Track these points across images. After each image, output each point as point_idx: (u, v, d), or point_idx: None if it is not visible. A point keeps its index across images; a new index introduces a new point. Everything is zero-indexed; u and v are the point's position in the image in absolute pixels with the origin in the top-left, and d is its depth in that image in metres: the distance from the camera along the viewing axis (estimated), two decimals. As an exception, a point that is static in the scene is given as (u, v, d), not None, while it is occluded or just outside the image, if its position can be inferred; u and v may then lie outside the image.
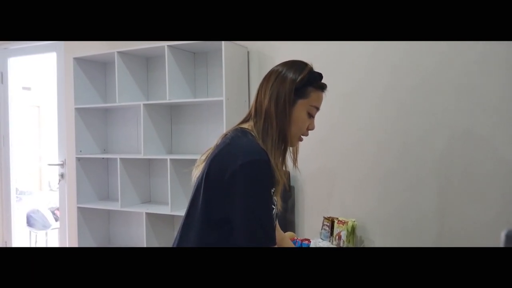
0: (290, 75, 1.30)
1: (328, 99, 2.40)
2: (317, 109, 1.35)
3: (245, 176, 1.17)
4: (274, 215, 1.26)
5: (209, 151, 1.32)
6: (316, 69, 2.47)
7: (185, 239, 1.31)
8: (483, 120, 1.82)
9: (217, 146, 1.29)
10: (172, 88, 2.79)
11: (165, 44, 2.78)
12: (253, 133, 1.27)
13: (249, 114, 1.34)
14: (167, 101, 2.77)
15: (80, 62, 3.23)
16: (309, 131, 1.35)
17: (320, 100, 1.36)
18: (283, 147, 1.28)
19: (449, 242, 1.91)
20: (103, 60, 3.35)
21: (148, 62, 3.24)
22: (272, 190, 1.23)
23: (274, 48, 2.72)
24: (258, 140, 1.25)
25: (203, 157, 1.32)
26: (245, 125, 1.32)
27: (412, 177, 2.03)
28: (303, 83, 1.30)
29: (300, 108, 1.30)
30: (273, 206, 1.25)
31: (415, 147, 2.03)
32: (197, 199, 1.27)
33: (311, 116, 1.33)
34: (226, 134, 1.32)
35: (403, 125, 2.07)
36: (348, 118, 2.31)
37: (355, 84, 2.28)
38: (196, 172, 1.32)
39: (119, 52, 2.99)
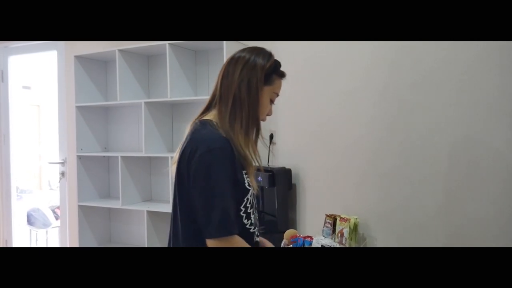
0: (259, 62, 1.33)
1: (329, 96, 2.42)
2: (277, 95, 1.40)
3: (203, 165, 1.20)
4: (250, 197, 1.29)
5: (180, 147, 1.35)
6: (318, 67, 2.48)
7: (175, 236, 1.34)
8: (484, 117, 1.82)
9: (182, 143, 1.33)
10: (173, 86, 2.78)
11: (166, 42, 2.77)
12: (212, 123, 1.30)
13: (210, 102, 1.37)
14: (168, 99, 2.77)
15: (81, 60, 3.23)
16: (268, 117, 1.41)
17: (280, 87, 1.40)
18: (255, 131, 1.32)
19: (452, 239, 1.92)
20: (104, 58, 3.34)
21: (149, 60, 3.24)
22: (244, 172, 1.26)
23: (274, 47, 2.71)
24: (219, 128, 1.27)
25: (177, 155, 1.34)
26: (206, 116, 1.34)
27: (414, 175, 2.03)
28: (270, 70, 1.34)
29: (265, 95, 1.33)
30: (248, 187, 1.27)
31: (416, 144, 2.03)
32: (175, 196, 1.31)
33: (271, 102, 1.38)
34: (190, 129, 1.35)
35: (405, 122, 2.07)
36: (349, 116, 2.31)
37: (355, 82, 2.28)
38: (173, 168, 1.35)
39: (120, 50, 2.99)
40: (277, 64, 1.37)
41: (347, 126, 2.32)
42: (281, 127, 2.70)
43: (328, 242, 2.11)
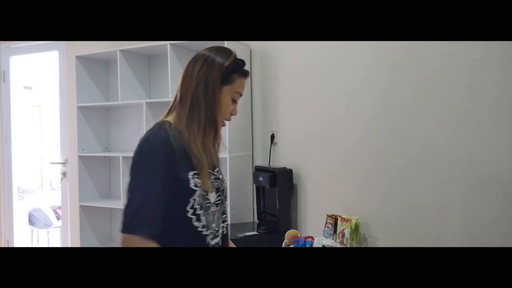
0: (217, 61, 1.30)
1: (330, 97, 2.42)
2: (240, 94, 1.35)
3: (132, 164, 1.22)
4: (198, 198, 1.25)
5: None
6: (319, 67, 2.48)
7: None
8: (487, 118, 1.82)
9: None
10: (175, 86, 2.77)
11: (167, 42, 2.78)
12: (165, 125, 1.27)
13: (174, 102, 1.35)
14: (169, 99, 2.75)
15: (82, 60, 3.23)
16: (233, 116, 1.38)
17: (243, 86, 1.35)
18: (213, 132, 1.30)
19: (452, 239, 1.91)
20: (105, 59, 3.35)
21: (150, 60, 3.24)
22: (192, 173, 1.23)
23: (276, 47, 2.72)
24: (173, 130, 1.25)
25: None
26: (168, 118, 1.32)
27: (415, 175, 2.03)
28: (229, 69, 1.30)
29: (225, 94, 1.31)
30: (194, 188, 1.23)
31: (418, 145, 2.03)
32: None
33: (234, 101, 1.34)
34: None
35: (406, 122, 2.07)
36: (350, 116, 2.31)
37: (356, 82, 2.28)
38: None
39: (121, 51, 2.99)
40: (238, 62, 1.33)
41: (348, 127, 2.32)
42: (282, 127, 2.70)
43: (329, 242, 2.11)
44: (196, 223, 1.25)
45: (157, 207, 1.19)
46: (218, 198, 1.33)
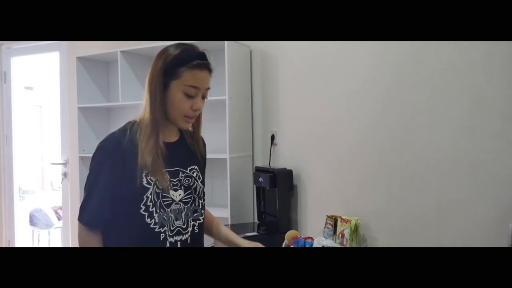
0: (163, 56, 1.30)
1: (330, 97, 2.43)
2: (196, 87, 1.29)
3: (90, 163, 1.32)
4: (151, 195, 1.28)
5: None
6: (319, 67, 2.48)
7: None
8: (486, 119, 1.82)
9: None
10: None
11: (168, 43, 2.78)
12: (131, 124, 1.33)
13: None
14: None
15: (83, 61, 3.25)
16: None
17: (196, 78, 1.28)
18: (155, 130, 1.28)
19: (452, 241, 1.91)
20: (106, 60, 3.36)
21: (151, 61, 3.23)
22: (145, 172, 1.26)
23: (276, 47, 2.73)
24: (129, 130, 1.30)
25: None
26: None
27: (415, 176, 2.03)
28: (173, 64, 1.27)
29: (174, 89, 1.28)
30: (146, 185, 1.27)
31: (418, 146, 2.03)
32: None
33: (189, 96, 1.29)
34: None
35: (406, 123, 2.08)
36: (350, 117, 2.32)
37: (357, 83, 2.29)
38: None
39: (122, 52, 3.00)
40: (186, 55, 1.28)
41: (348, 127, 2.33)
42: (282, 128, 2.70)
43: (329, 243, 2.11)
44: (148, 220, 1.28)
45: (97, 200, 1.28)
46: (188, 196, 1.35)
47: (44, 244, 4.59)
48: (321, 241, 2.15)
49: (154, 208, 1.28)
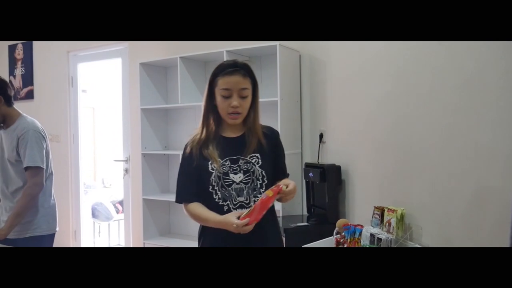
0: (210, 76, 1.70)
1: (375, 97, 2.58)
2: (227, 89, 1.64)
3: None
4: (214, 177, 1.66)
5: None
6: (364, 70, 2.63)
7: None
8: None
9: None
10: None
11: (223, 49, 3.03)
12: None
13: None
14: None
15: (145, 66, 3.55)
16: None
17: (226, 82, 1.64)
18: (205, 129, 1.72)
19: (490, 225, 2.03)
20: (165, 65, 3.65)
21: (206, 66, 3.51)
22: (209, 162, 1.66)
23: (323, 52, 2.90)
24: (198, 134, 1.75)
25: None
26: None
27: (456, 169, 2.15)
28: (213, 76, 1.68)
29: (217, 95, 1.67)
30: (211, 171, 1.66)
31: (459, 142, 2.14)
32: None
33: (225, 97, 1.64)
34: None
35: (448, 122, 2.20)
36: (395, 116, 2.45)
37: (401, 84, 2.41)
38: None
39: (181, 57, 3.28)
40: (220, 67, 1.67)
41: (392, 126, 2.47)
42: (330, 127, 2.88)
43: (377, 231, 2.28)
44: (214, 196, 1.66)
45: (185, 182, 1.73)
46: (247, 178, 1.67)
47: (104, 235, 4.95)
48: (369, 229, 2.32)
49: (217, 187, 1.65)
